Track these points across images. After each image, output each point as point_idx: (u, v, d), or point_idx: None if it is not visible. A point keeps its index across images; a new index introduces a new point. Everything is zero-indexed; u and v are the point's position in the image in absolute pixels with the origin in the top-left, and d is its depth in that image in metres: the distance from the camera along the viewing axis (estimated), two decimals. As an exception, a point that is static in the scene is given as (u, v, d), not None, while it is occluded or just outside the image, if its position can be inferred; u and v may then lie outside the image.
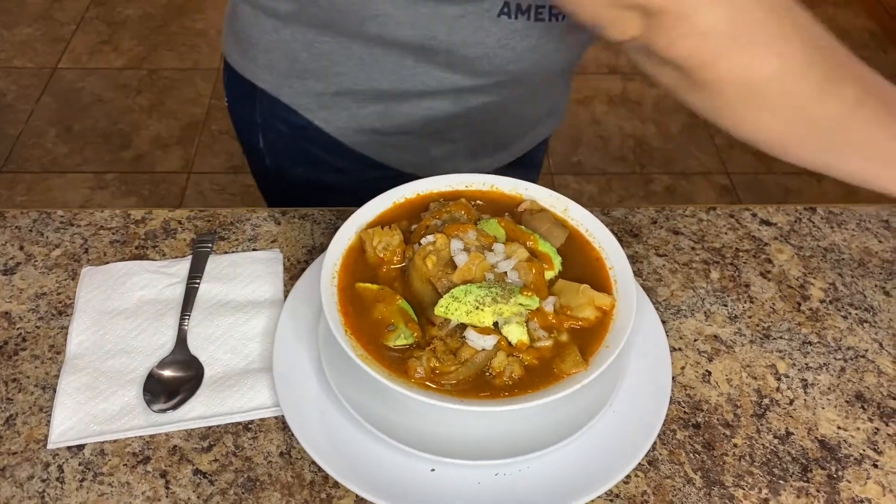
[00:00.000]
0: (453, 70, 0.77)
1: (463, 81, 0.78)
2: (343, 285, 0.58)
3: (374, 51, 0.76)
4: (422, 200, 0.65)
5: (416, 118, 0.82)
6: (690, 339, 0.66)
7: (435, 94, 0.80)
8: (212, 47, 2.73)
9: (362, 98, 0.81)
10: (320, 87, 0.82)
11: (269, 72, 0.83)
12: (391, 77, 0.78)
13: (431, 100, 0.80)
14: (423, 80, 0.78)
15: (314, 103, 0.83)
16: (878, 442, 0.60)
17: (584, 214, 0.64)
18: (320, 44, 0.78)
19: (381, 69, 0.77)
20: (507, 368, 0.53)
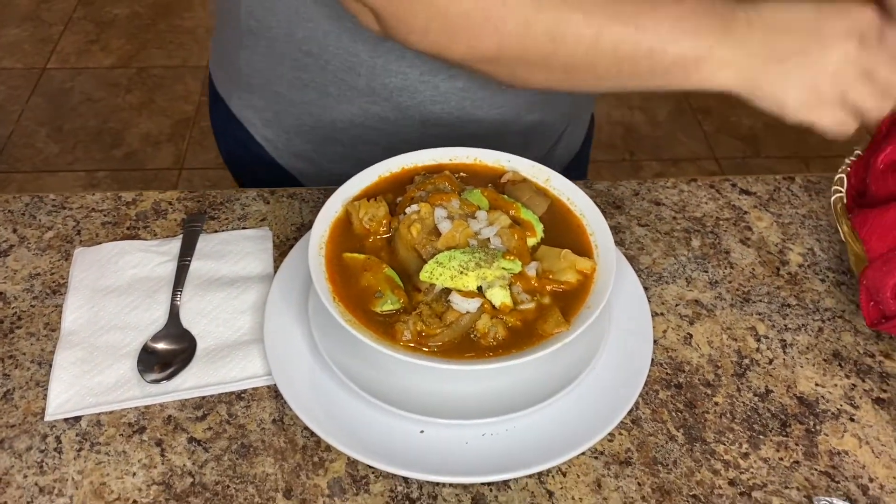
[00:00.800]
0: (375, 101, 0.77)
1: (387, 114, 0.78)
2: (331, 256, 0.60)
3: (303, 74, 0.77)
4: (407, 174, 0.67)
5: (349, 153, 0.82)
6: (672, 304, 0.68)
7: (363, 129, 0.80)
8: (200, 45, 2.74)
9: (297, 124, 0.82)
10: (261, 104, 0.83)
11: (226, 80, 0.87)
12: (319, 103, 0.79)
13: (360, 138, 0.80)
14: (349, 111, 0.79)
15: (257, 118, 0.85)
16: (854, 397, 0.62)
17: (566, 183, 0.66)
18: (258, 59, 0.79)
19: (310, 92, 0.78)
20: (491, 330, 0.55)
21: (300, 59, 0.77)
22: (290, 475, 0.56)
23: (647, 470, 0.57)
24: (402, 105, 0.78)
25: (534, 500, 0.55)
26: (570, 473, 0.57)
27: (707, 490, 0.56)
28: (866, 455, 0.58)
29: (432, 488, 0.56)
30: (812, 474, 0.57)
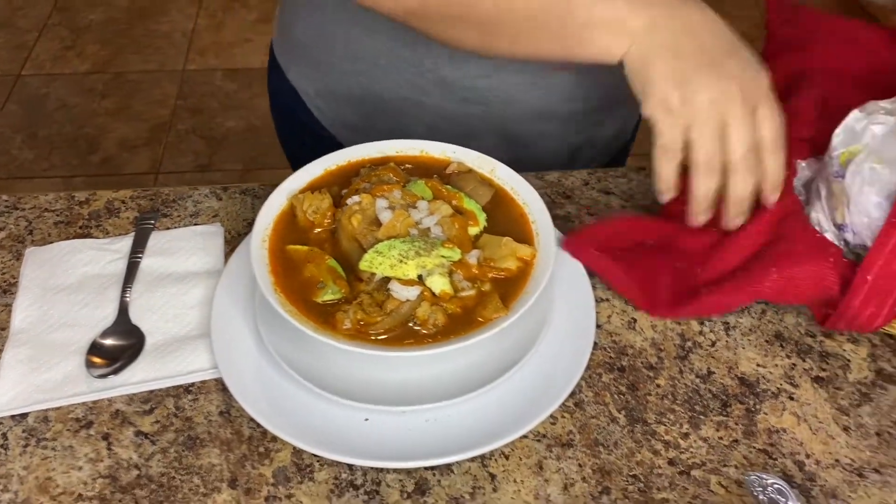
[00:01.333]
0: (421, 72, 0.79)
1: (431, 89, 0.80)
2: (274, 248, 0.61)
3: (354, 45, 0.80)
4: (353, 167, 0.68)
5: (395, 126, 0.85)
6: (618, 291, 0.69)
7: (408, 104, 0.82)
8: (177, 49, 2.74)
9: (347, 94, 0.85)
10: (315, 74, 0.87)
11: (285, 51, 0.90)
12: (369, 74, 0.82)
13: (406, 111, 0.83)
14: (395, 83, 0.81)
15: (311, 87, 0.88)
16: (794, 377, 0.63)
17: (510, 174, 0.67)
18: (314, 31, 0.83)
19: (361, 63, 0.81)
20: (430, 317, 0.56)
21: (351, 31, 0.81)
22: (236, 465, 0.57)
23: (588, 451, 0.58)
24: (446, 80, 0.81)
25: (476, 483, 0.56)
26: (512, 456, 0.58)
27: (647, 470, 0.57)
28: (804, 432, 0.59)
29: (376, 475, 0.57)
30: (750, 452, 0.58)
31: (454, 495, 0.56)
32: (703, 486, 0.56)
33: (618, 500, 0.55)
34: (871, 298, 0.59)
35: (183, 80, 2.61)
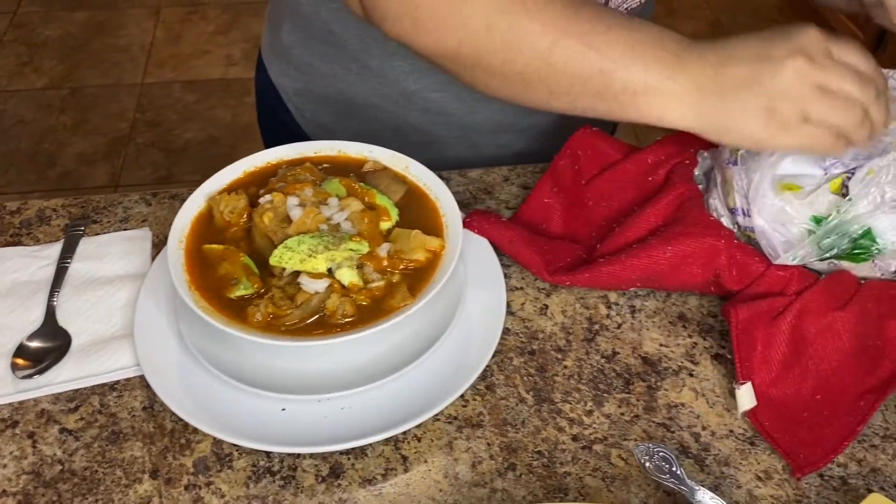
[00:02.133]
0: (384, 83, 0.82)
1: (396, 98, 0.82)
2: (191, 248, 0.63)
3: (329, 49, 0.83)
4: (272, 167, 0.70)
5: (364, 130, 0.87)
6: (532, 279, 0.72)
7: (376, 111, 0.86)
8: (134, 62, 2.74)
9: (323, 96, 0.89)
10: (296, 74, 0.90)
11: (270, 50, 0.94)
12: (343, 78, 0.85)
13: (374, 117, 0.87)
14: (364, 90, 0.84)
15: (291, 87, 0.92)
16: (695, 355, 0.66)
17: (423, 170, 0.70)
18: (297, 32, 0.87)
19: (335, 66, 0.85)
20: (339, 308, 0.58)
21: (326, 37, 0.84)
22: (158, 457, 0.59)
23: (496, 431, 0.61)
24: (407, 90, 0.84)
25: (389, 465, 0.59)
26: (424, 439, 0.60)
27: (551, 446, 0.60)
28: (701, 406, 0.63)
29: (293, 461, 0.59)
30: (650, 426, 0.61)
31: (367, 477, 0.58)
32: (604, 459, 0.59)
33: (522, 476, 0.58)
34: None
35: (141, 94, 2.62)
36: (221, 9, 2.99)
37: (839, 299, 0.60)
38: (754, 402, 0.59)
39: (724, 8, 3.09)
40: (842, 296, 0.61)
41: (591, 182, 0.75)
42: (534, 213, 0.75)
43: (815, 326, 0.60)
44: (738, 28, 0.75)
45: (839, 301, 0.60)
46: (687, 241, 0.64)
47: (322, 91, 0.90)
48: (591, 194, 0.75)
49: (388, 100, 0.87)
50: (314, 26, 0.85)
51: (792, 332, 0.60)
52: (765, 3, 3.15)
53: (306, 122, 0.95)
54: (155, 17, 2.96)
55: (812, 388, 0.60)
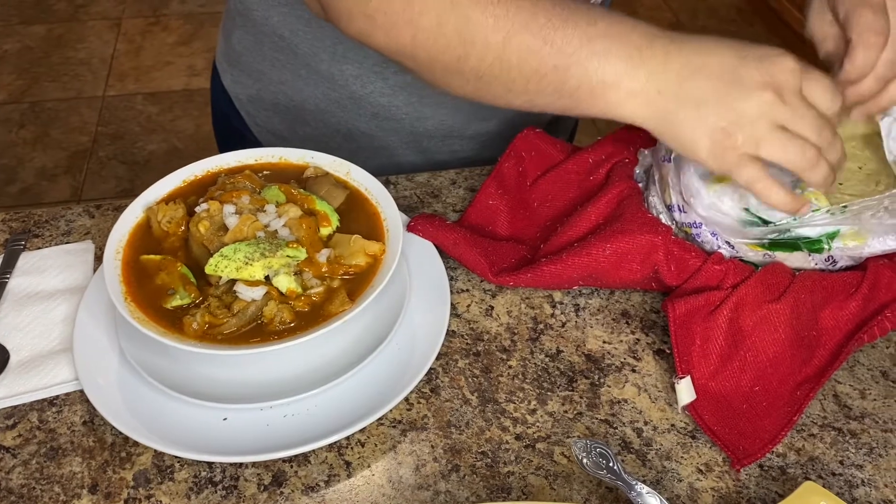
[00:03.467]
0: (334, 87, 0.83)
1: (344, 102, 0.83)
2: (128, 259, 0.62)
3: (280, 55, 0.84)
4: (212, 177, 0.70)
5: (315, 135, 0.89)
6: (478, 281, 0.72)
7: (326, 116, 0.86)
8: (95, 75, 2.72)
9: (274, 102, 0.89)
10: (248, 81, 0.91)
11: (224, 58, 0.94)
12: (293, 84, 0.86)
13: (324, 123, 0.87)
14: (315, 95, 0.85)
15: (243, 94, 0.93)
16: (637, 350, 0.67)
17: (364, 175, 0.70)
18: (248, 39, 0.87)
19: (286, 73, 0.85)
20: (277, 315, 0.58)
21: (277, 42, 0.84)
22: (97, 472, 0.58)
23: (440, 433, 0.61)
24: (355, 94, 0.84)
25: (332, 471, 0.59)
26: (368, 444, 0.60)
27: (495, 446, 0.60)
28: (644, 402, 0.63)
29: (235, 470, 0.59)
30: (593, 423, 0.62)
31: (310, 484, 0.58)
32: (547, 458, 0.59)
33: (466, 476, 0.58)
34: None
35: (103, 106, 2.60)
36: (183, 19, 2.98)
37: (774, 291, 0.61)
38: (694, 396, 0.59)
39: (683, 8, 3.12)
40: (776, 288, 0.62)
41: (536, 183, 0.76)
42: (479, 215, 0.75)
43: (752, 319, 0.61)
44: (698, 29, 0.75)
45: (774, 293, 0.61)
46: (626, 238, 0.65)
47: (273, 97, 0.90)
48: (535, 195, 0.75)
49: (337, 105, 0.87)
50: (265, 32, 0.85)
51: (729, 325, 0.61)
52: (724, 4, 3.20)
53: (259, 129, 0.95)
54: (116, 28, 2.94)
55: (750, 379, 0.60)
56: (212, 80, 1.01)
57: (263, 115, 0.93)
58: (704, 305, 0.62)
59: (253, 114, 0.94)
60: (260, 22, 0.85)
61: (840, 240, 0.62)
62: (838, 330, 0.61)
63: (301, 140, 0.92)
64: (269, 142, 0.95)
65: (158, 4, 3.05)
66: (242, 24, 0.88)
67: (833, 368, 0.60)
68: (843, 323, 0.61)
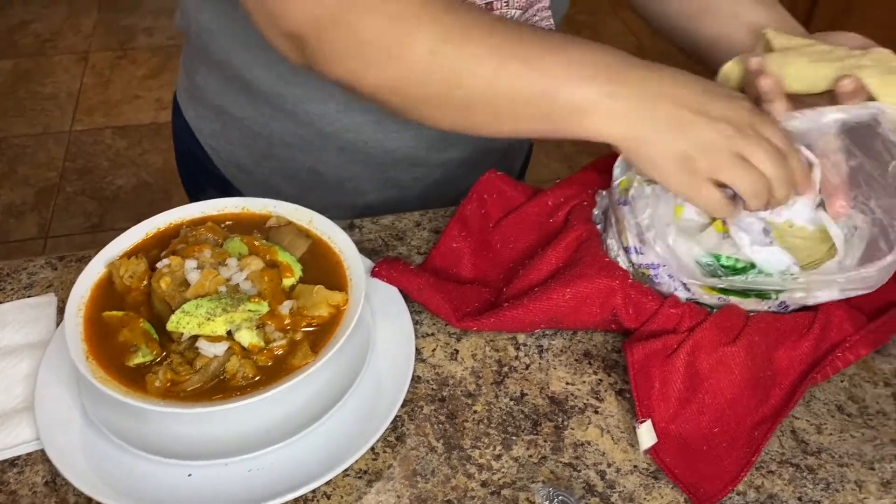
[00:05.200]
0: (299, 124, 0.84)
1: (311, 138, 0.85)
2: (90, 316, 0.62)
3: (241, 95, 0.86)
4: (175, 229, 0.70)
5: (282, 168, 0.90)
6: (443, 325, 0.73)
7: (292, 150, 0.87)
8: (62, 110, 2.70)
9: (239, 137, 0.90)
10: (211, 115, 0.92)
11: (185, 93, 0.95)
12: (257, 121, 0.87)
13: (290, 156, 0.88)
14: (280, 131, 0.87)
15: (206, 129, 0.94)
16: (600, 391, 0.68)
17: (326, 223, 0.70)
18: (211, 76, 0.88)
19: (249, 110, 0.87)
20: (239, 370, 0.58)
21: (239, 82, 0.86)
22: (60, 534, 0.58)
23: (406, 482, 0.61)
24: (322, 131, 0.86)
25: (298, 525, 0.59)
26: (333, 496, 0.60)
27: (461, 494, 0.60)
28: (606, 443, 0.64)
29: (200, 527, 0.58)
30: (557, 467, 0.62)
31: (276, 539, 0.58)
32: (512, 504, 0.60)
33: (432, 526, 0.59)
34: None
35: (70, 141, 2.58)
36: (151, 52, 2.97)
37: (729, 334, 0.63)
38: (655, 440, 0.60)
39: (645, 33, 3.18)
40: (731, 331, 0.63)
41: (498, 225, 0.77)
42: (443, 258, 0.76)
43: (708, 362, 0.62)
44: (658, 54, 0.78)
45: (729, 336, 0.63)
46: (584, 282, 0.66)
47: (238, 133, 0.91)
48: (497, 237, 0.76)
49: (303, 140, 0.88)
50: (227, 72, 0.86)
51: (686, 368, 0.62)
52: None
53: (224, 163, 0.96)
54: (83, 63, 2.93)
55: (709, 421, 0.61)
56: (173, 115, 1.01)
57: (228, 149, 0.94)
58: (662, 349, 0.63)
59: (217, 148, 0.95)
60: (223, 63, 0.86)
61: (788, 293, 0.63)
62: (793, 369, 0.63)
63: (266, 174, 0.93)
64: (235, 176, 0.96)
65: (126, 38, 3.05)
66: (204, 62, 0.89)
67: (789, 408, 0.61)
68: (797, 363, 0.63)
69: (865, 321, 0.65)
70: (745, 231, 0.62)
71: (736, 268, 0.63)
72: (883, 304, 0.67)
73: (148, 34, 3.08)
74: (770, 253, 0.61)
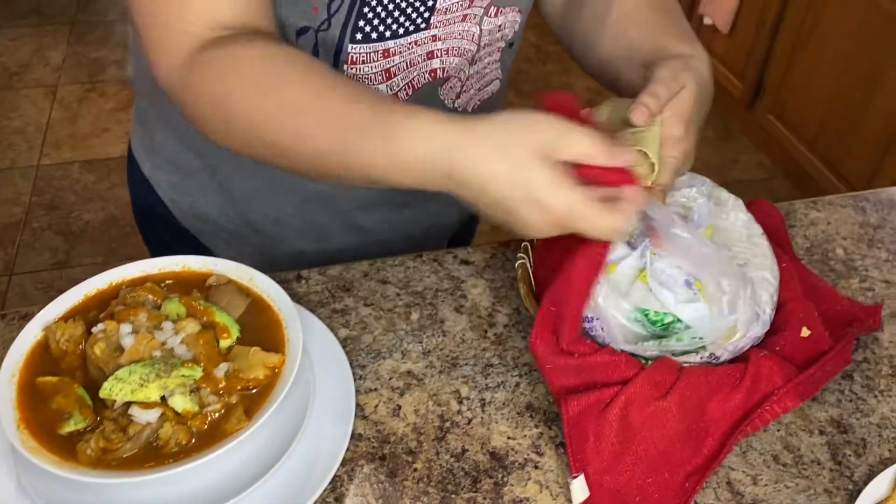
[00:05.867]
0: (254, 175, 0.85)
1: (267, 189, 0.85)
2: (24, 382, 0.62)
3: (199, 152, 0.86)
4: (113, 289, 0.70)
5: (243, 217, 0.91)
6: (386, 379, 0.73)
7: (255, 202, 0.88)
8: (30, 144, 2.68)
9: (199, 189, 0.90)
10: (170, 168, 0.92)
11: (140, 145, 0.95)
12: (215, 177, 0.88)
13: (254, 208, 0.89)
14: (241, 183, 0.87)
15: (165, 182, 0.93)
16: (540, 445, 0.68)
17: (266, 281, 0.70)
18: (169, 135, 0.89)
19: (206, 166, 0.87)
20: (172, 437, 0.58)
21: (193, 144, 0.87)
22: None
23: (344, 545, 0.61)
24: (285, 185, 0.86)
25: (233, 592, 0.58)
26: (270, 560, 0.60)
27: (398, 556, 0.61)
28: (545, 499, 0.64)
29: None
30: (495, 525, 0.63)
31: None
32: (449, 565, 0.60)
33: (368, 590, 0.59)
34: None
35: (37, 176, 2.56)
36: (121, 85, 2.97)
37: (661, 388, 0.64)
38: (587, 494, 0.61)
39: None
40: (663, 385, 0.64)
41: None
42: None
43: (641, 416, 0.63)
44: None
45: (661, 390, 0.63)
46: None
47: (199, 184, 0.91)
48: None
49: (266, 193, 0.88)
50: (187, 127, 0.85)
51: (620, 422, 0.63)
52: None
53: (184, 215, 0.95)
54: (52, 96, 2.91)
55: (643, 473, 0.62)
56: (129, 167, 1.01)
57: (188, 200, 0.94)
58: (596, 403, 0.64)
59: (176, 200, 0.94)
60: (181, 127, 0.86)
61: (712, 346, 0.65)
62: (724, 421, 0.64)
63: (228, 221, 0.93)
64: (195, 226, 0.96)
65: (95, 71, 3.04)
66: (162, 119, 0.89)
67: (719, 459, 0.62)
68: (728, 414, 0.64)
69: (795, 372, 0.66)
70: (668, 288, 0.63)
71: (664, 322, 0.64)
72: (813, 355, 0.68)
73: (118, 66, 3.07)
74: (695, 309, 0.62)
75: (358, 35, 0.73)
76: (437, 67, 0.80)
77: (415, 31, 0.75)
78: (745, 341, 0.65)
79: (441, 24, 0.76)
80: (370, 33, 0.73)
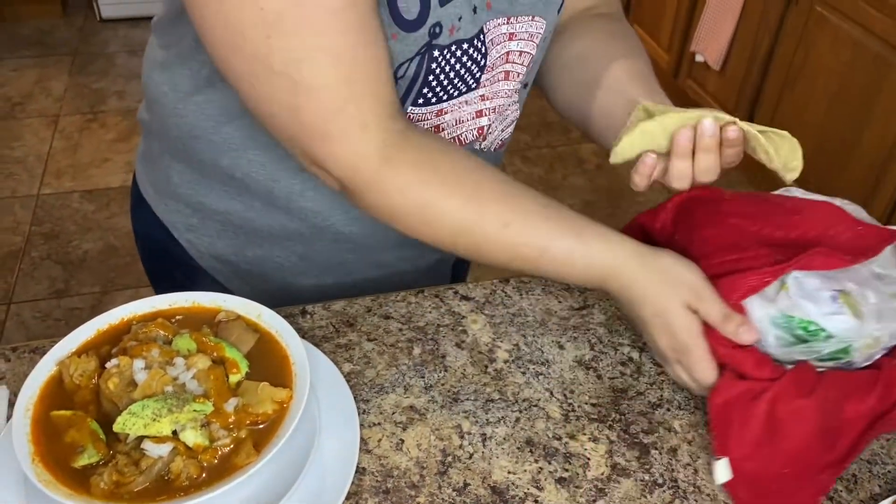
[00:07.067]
0: (292, 219, 0.87)
1: (303, 231, 0.88)
2: (38, 416, 0.63)
3: (228, 189, 0.87)
4: (125, 324, 0.72)
5: (267, 256, 0.92)
6: (389, 413, 0.75)
7: (281, 240, 0.89)
8: (30, 173, 2.71)
9: (220, 230, 0.91)
10: (188, 211, 0.91)
11: (152, 186, 0.94)
12: (243, 215, 0.88)
13: (278, 245, 0.90)
14: (269, 224, 0.88)
15: (181, 223, 0.92)
16: (540, 480, 0.70)
17: (274, 318, 0.72)
18: (188, 175, 0.88)
19: (235, 204, 0.88)
20: (184, 471, 0.60)
21: (226, 181, 0.86)
22: None
23: (349, 578, 0.62)
24: (316, 224, 0.87)
25: None
26: (276, 593, 0.61)
27: (402, 589, 0.62)
28: (545, 532, 0.66)
29: None
30: (496, 558, 0.64)
31: None
32: None
33: None
34: None
35: (37, 205, 2.58)
36: (122, 115, 3.01)
37: (803, 389, 0.69)
38: (731, 475, 0.67)
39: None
40: (806, 385, 0.69)
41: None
42: None
43: (786, 411, 0.68)
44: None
45: (804, 390, 0.69)
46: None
47: (220, 225, 0.91)
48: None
49: (294, 232, 0.89)
50: (211, 173, 0.86)
51: (766, 416, 0.68)
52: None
53: (201, 255, 0.95)
54: (53, 126, 2.95)
55: (781, 463, 0.68)
56: (134, 212, 1.00)
57: (207, 241, 0.93)
58: (745, 393, 0.69)
59: (195, 241, 0.94)
60: (208, 163, 0.85)
61: (856, 352, 0.71)
62: (859, 421, 0.69)
63: (250, 262, 0.94)
64: (214, 267, 0.95)
65: (96, 101, 3.08)
66: (178, 159, 0.88)
67: (852, 456, 0.68)
68: (863, 415, 0.69)
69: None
70: (813, 301, 0.69)
71: (809, 330, 0.70)
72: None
73: (119, 97, 3.12)
74: (841, 321, 0.69)
75: (420, 100, 0.77)
76: (485, 125, 0.84)
77: (466, 91, 0.80)
78: (881, 351, 0.71)
79: (488, 83, 0.81)
80: (431, 98, 0.78)
